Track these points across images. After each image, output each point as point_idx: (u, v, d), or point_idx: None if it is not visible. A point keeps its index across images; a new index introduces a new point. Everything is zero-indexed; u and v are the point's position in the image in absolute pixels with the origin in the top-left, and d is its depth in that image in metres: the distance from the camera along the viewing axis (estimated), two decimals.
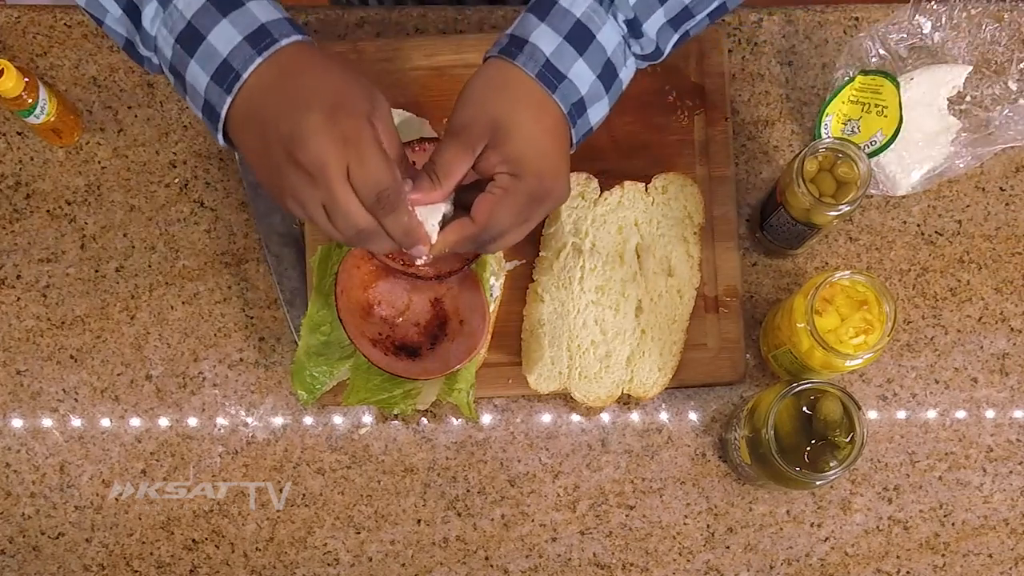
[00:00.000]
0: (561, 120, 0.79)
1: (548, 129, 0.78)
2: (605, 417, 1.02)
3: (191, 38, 0.75)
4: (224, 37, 0.75)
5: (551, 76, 0.77)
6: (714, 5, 0.82)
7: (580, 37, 0.78)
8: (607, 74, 0.79)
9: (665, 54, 0.83)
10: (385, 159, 0.74)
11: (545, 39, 0.78)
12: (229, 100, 0.75)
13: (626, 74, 0.82)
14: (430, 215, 0.79)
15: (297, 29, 0.77)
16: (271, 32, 0.75)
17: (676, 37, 0.82)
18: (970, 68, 1.03)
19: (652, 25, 0.80)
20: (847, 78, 1.01)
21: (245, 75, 0.74)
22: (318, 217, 0.76)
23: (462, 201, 0.80)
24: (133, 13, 0.78)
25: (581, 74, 0.78)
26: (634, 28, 0.79)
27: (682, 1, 0.80)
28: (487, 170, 0.78)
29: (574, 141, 0.81)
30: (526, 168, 0.77)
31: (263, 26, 0.75)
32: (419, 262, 0.83)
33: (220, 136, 0.77)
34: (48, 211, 1.05)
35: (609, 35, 0.79)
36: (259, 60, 0.74)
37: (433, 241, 0.79)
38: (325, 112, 0.72)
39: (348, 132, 0.72)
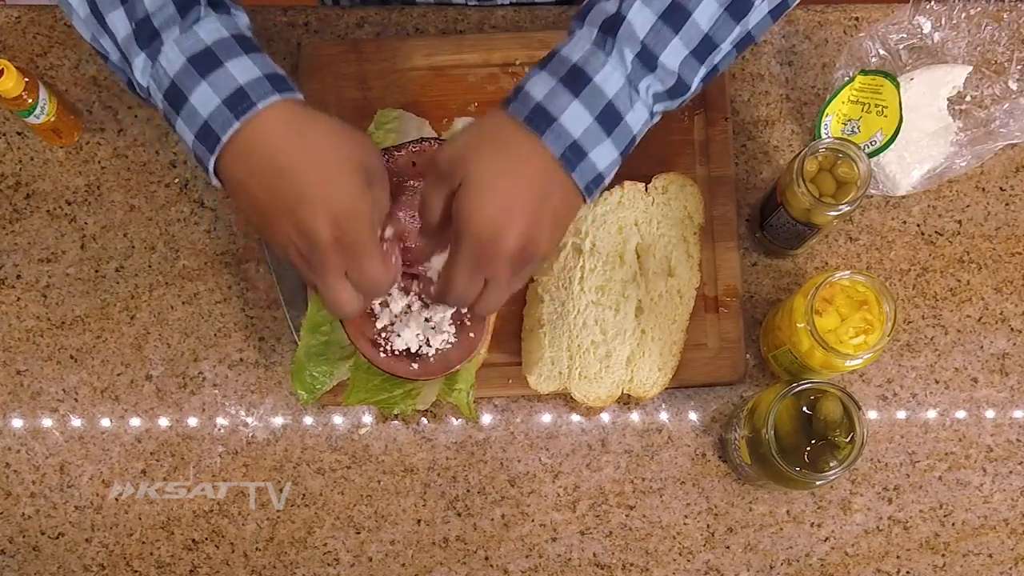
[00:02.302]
0: (547, 170, 0.76)
1: (515, 186, 0.76)
2: (605, 417, 1.02)
3: (175, 96, 0.76)
4: (203, 99, 0.75)
5: (540, 120, 0.75)
6: (734, 34, 0.79)
7: (575, 80, 0.76)
8: (608, 116, 0.76)
9: (693, 89, 0.79)
10: (383, 263, 0.78)
11: (539, 85, 0.76)
12: (213, 159, 0.76)
13: (635, 117, 0.78)
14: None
15: (279, 86, 0.76)
16: (248, 95, 0.75)
17: (703, 71, 0.79)
18: (970, 68, 1.03)
19: (671, 57, 0.77)
20: (847, 78, 1.01)
21: (225, 138, 0.75)
22: (308, 284, 0.80)
23: None
24: (125, 63, 0.79)
25: (576, 115, 0.76)
26: (647, 60, 0.76)
27: (700, 29, 0.77)
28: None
29: (581, 186, 0.78)
30: (467, 228, 0.76)
31: (241, 88, 0.75)
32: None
33: (215, 181, 0.78)
34: (48, 211, 1.05)
35: (610, 76, 0.76)
36: (237, 124, 0.74)
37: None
38: (328, 221, 0.74)
39: (350, 244, 0.75)
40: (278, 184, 0.74)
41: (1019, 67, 1.05)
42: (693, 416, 1.02)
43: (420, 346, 0.91)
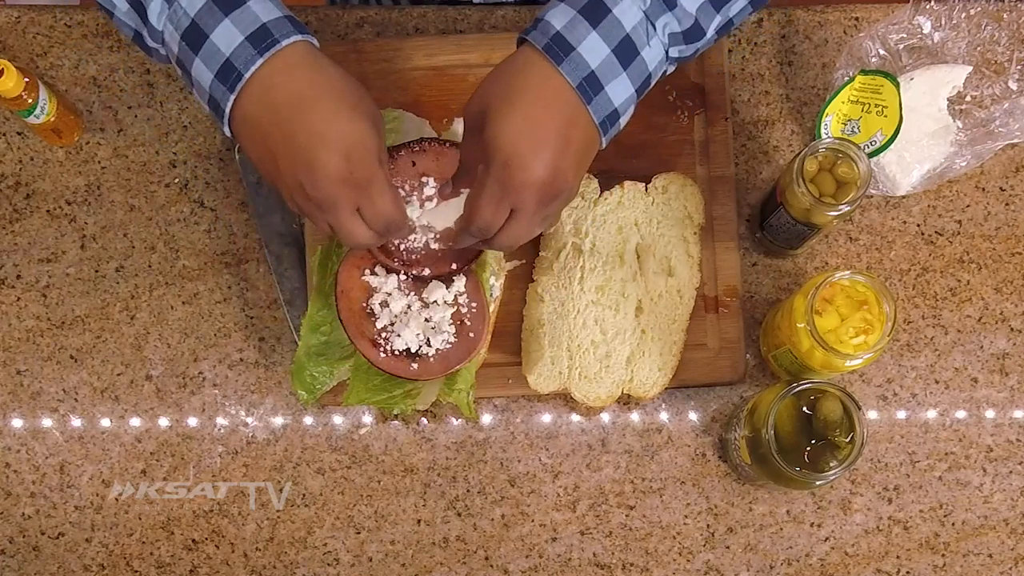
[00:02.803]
0: (567, 100, 0.77)
1: (539, 114, 0.76)
2: (605, 417, 1.02)
3: (195, 36, 0.76)
4: (226, 36, 0.75)
5: (558, 48, 0.76)
6: None
7: (594, 10, 0.76)
8: (625, 49, 0.77)
9: (708, 35, 0.81)
10: (395, 198, 0.78)
11: (559, 15, 0.77)
12: (232, 98, 0.76)
13: (651, 54, 0.79)
14: (460, 206, 0.85)
15: (298, 28, 0.77)
16: (272, 32, 0.76)
17: (718, 19, 0.81)
18: (970, 68, 1.03)
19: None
20: (847, 78, 1.01)
21: (247, 75, 0.75)
22: (320, 227, 0.79)
23: None
24: (139, 8, 0.79)
25: (593, 46, 0.76)
26: None
27: None
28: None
29: (596, 122, 0.78)
30: (493, 157, 0.76)
31: (264, 26, 0.76)
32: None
33: (227, 129, 0.78)
34: (48, 211, 1.05)
35: (628, 9, 0.77)
36: (260, 61, 0.75)
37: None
38: (340, 155, 0.75)
39: (361, 178, 0.76)
40: (294, 119, 0.75)
41: (1019, 67, 1.05)
42: (693, 416, 1.02)
43: (420, 346, 0.91)
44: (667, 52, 0.80)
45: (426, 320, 0.91)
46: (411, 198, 0.90)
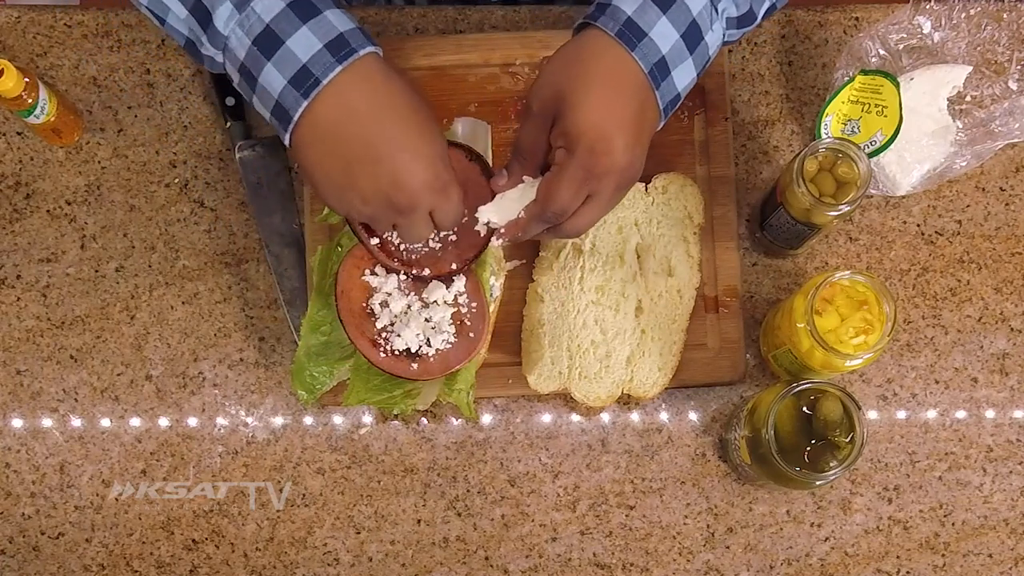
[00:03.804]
0: (640, 85, 0.78)
1: (617, 99, 0.77)
2: (605, 417, 1.02)
3: (269, 41, 0.76)
4: (304, 43, 0.76)
5: (631, 34, 0.77)
6: None
7: None
8: (692, 34, 0.79)
9: (758, 19, 0.82)
10: (461, 201, 0.81)
11: (628, 0, 0.78)
12: (305, 104, 0.76)
13: (712, 39, 0.81)
14: (522, 196, 0.84)
15: (370, 39, 0.78)
16: (349, 42, 0.76)
17: (767, 4, 0.83)
18: (970, 68, 1.03)
19: None
20: (847, 78, 1.01)
21: (325, 81, 0.76)
22: (381, 228, 0.83)
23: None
24: (201, 13, 0.79)
25: (664, 32, 0.77)
26: None
27: None
28: (553, 145, 0.80)
29: (661, 106, 0.80)
30: (578, 142, 0.77)
31: (342, 35, 0.76)
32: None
33: (287, 138, 0.79)
34: (48, 211, 1.05)
35: None
36: (339, 68, 0.76)
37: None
38: (426, 164, 0.77)
39: (444, 185, 0.79)
40: (375, 127, 0.76)
41: (1019, 67, 1.05)
42: (693, 416, 1.02)
43: (420, 346, 0.91)
44: (724, 36, 0.82)
45: (426, 320, 0.91)
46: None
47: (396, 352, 0.91)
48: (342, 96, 0.76)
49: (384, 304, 0.92)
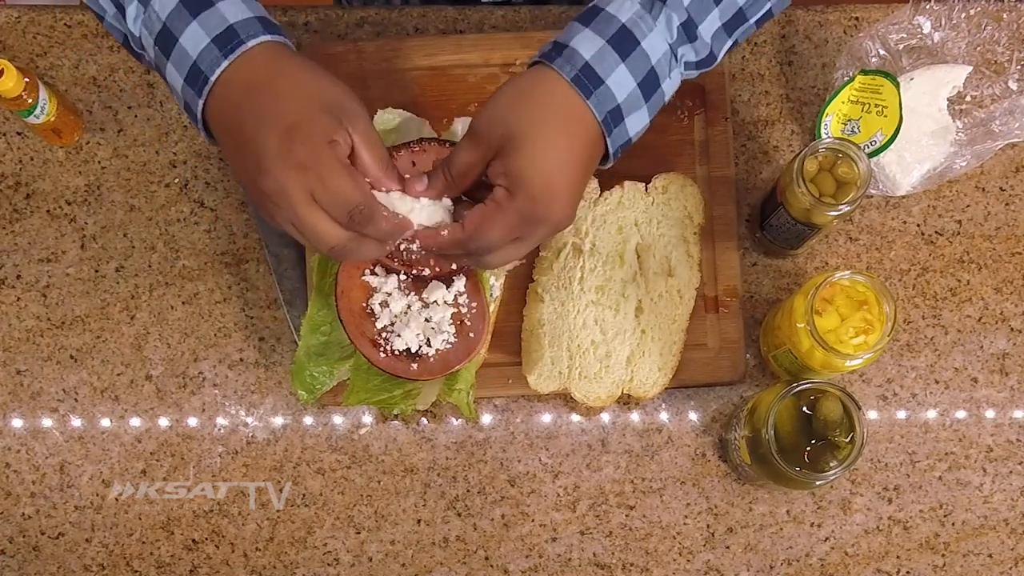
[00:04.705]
0: (592, 132, 0.76)
1: (568, 148, 0.75)
2: (605, 417, 1.02)
3: (166, 39, 0.75)
4: (193, 39, 0.74)
5: (587, 81, 0.75)
6: (765, 9, 0.81)
7: (623, 42, 0.75)
8: (649, 82, 0.76)
9: (717, 61, 0.80)
10: (349, 177, 0.73)
11: (586, 44, 0.75)
12: (201, 103, 0.75)
13: (669, 86, 0.79)
14: (437, 210, 0.80)
15: (268, 28, 0.75)
16: (238, 33, 0.74)
17: (729, 43, 0.81)
18: (970, 68, 1.03)
19: (707, 28, 0.78)
20: (847, 78, 1.01)
21: (212, 78, 0.73)
22: (292, 233, 0.75)
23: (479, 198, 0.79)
24: (121, 13, 0.78)
25: (621, 80, 0.75)
26: (689, 30, 0.77)
27: (736, 3, 0.78)
28: (492, 179, 0.77)
29: (611, 151, 0.78)
30: (522, 187, 0.74)
31: (231, 27, 0.74)
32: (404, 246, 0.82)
33: (204, 134, 0.77)
34: (48, 211, 1.05)
35: (655, 42, 0.76)
36: (225, 63, 0.73)
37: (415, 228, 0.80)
38: (279, 136, 0.71)
39: (304, 158, 0.71)
40: (244, 107, 0.73)
41: (1019, 67, 1.05)
42: (693, 416, 1.02)
43: (420, 346, 0.91)
44: (680, 80, 0.80)
45: (426, 320, 0.91)
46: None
47: (396, 352, 0.91)
48: (227, 90, 0.74)
49: (384, 304, 0.92)
